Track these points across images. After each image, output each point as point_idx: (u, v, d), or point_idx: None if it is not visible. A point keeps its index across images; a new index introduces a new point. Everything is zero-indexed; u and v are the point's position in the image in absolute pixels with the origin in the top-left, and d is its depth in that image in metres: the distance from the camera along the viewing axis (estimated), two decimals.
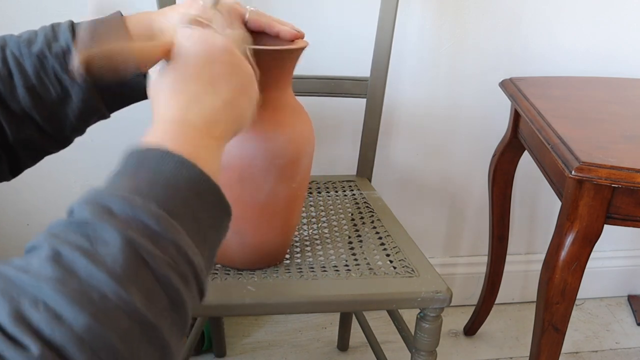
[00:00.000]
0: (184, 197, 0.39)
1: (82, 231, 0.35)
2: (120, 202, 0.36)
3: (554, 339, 0.88)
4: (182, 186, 0.39)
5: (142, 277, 0.34)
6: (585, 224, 0.80)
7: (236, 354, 1.29)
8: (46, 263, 0.33)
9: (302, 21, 1.12)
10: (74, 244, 0.33)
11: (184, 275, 0.36)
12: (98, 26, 0.58)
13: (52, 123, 0.58)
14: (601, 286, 1.52)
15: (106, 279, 0.32)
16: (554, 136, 0.84)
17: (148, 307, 0.33)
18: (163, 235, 0.36)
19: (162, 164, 0.39)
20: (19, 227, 1.23)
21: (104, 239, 0.34)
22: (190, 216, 0.39)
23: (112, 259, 0.33)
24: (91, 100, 0.58)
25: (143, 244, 0.34)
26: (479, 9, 1.15)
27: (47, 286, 0.31)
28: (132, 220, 0.35)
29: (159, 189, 0.38)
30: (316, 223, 0.92)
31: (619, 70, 1.23)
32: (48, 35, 0.57)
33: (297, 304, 0.74)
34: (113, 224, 0.34)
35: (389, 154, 1.28)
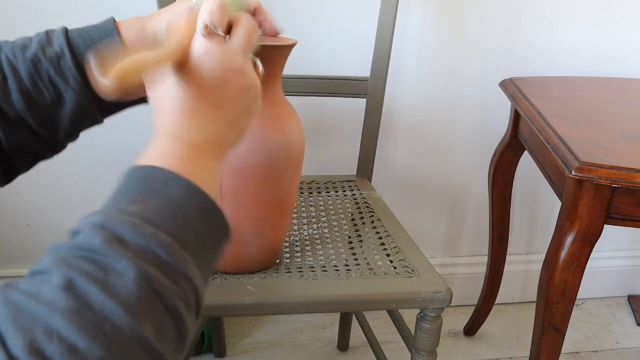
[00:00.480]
0: (192, 224, 0.39)
1: (94, 260, 0.34)
2: (132, 231, 0.36)
3: (554, 339, 0.88)
4: (190, 213, 0.39)
5: (154, 309, 0.34)
6: (585, 224, 0.80)
7: (236, 354, 1.29)
8: (59, 292, 0.32)
9: (302, 21, 1.13)
10: (87, 273, 0.33)
11: (189, 304, 0.37)
12: (91, 32, 0.58)
13: (46, 127, 0.58)
14: (601, 286, 1.52)
15: (120, 311, 0.32)
16: (554, 136, 0.84)
17: (158, 339, 0.34)
18: (174, 267, 0.36)
19: (169, 188, 0.39)
20: (19, 227, 1.23)
21: (117, 269, 0.34)
22: (198, 243, 0.39)
23: (126, 292, 0.33)
24: (85, 104, 0.58)
25: (156, 277, 0.35)
26: (479, 9, 1.15)
27: (60, 317, 0.31)
28: (144, 250, 0.35)
29: (168, 217, 0.38)
30: (316, 223, 0.92)
31: (619, 70, 1.23)
32: (42, 40, 0.57)
33: (297, 304, 0.74)
34: (126, 254, 0.34)
35: (389, 154, 1.28)
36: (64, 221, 1.24)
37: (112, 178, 1.26)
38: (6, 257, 1.26)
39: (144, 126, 1.15)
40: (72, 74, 0.57)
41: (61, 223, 1.24)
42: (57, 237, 1.34)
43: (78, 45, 0.57)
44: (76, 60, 0.57)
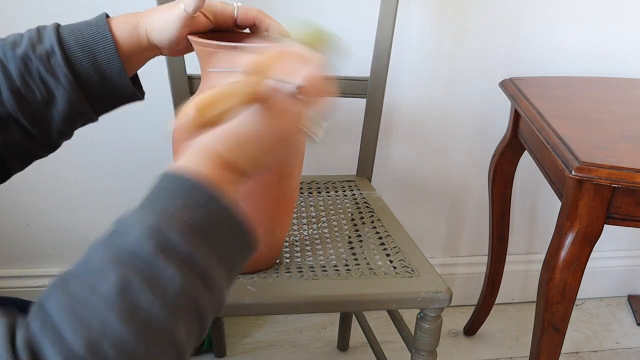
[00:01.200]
0: (230, 241, 0.42)
1: (147, 264, 0.37)
2: (182, 243, 0.38)
3: (554, 339, 0.88)
4: (229, 231, 0.42)
5: (189, 316, 0.38)
6: (585, 224, 0.80)
7: (236, 354, 1.29)
8: (115, 291, 0.35)
9: None
10: (141, 277, 0.36)
11: (215, 312, 0.41)
12: (83, 28, 0.58)
13: (38, 126, 0.58)
14: (601, 286, 1.52)
15: (164, 317, 0.36)
16: (554, 136, 0.84)
17: (186, 342, 0.38)
18: (213, 280, 0.40)
19: (216, 204, 0.42)
20: (19, 227, 1.23)
21: (166, 276, 0.37)
22: (231, 259, 0.43)
23: (171, 299, 0.37)
24: (77, 102, 0.58)
25: (199, 288, 0.39)
26: (479, 9, 1.15)
27: (115, 319, 0.35)
28: (190, 261, 0.38)
29: (210, 231, 0.41)
30: (316, 223, 0.92)
31: (619, 70, 1.23)
32: (33, 37, 0.57)
33: (297, 304, 0.74)
34: (175, 264, 0.37)
35: (389, 154, 1.28)
36: (64, 221, 1.24)
37: (111, 178, 1.27)
38: (6, 257, 1.26)
39: (144, 126, 1.15)
40: (62, 72, 0.56)
41: (61, 223, 1.24)
42: (57, 237, 1.34)
43: (69, 42, 0.57)
44: (67, 58, 0.56)
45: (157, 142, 1.16)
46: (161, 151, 1.18)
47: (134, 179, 1.20)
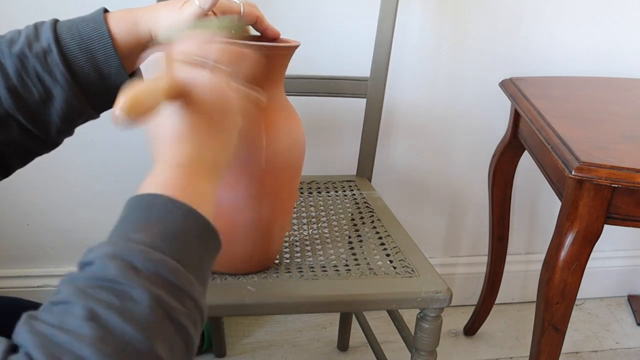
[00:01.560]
0: (193, 246, 0.42)
1: (111, 288, 0.37)
2: (142, 258, 0.38)
3: (554, 339, 0.88)
4: (191, 236, 0.42)
5: (166, 330, 0.37)
6: (585, 224, 0.80)
7: (236, 354, 1.29)
8: (84, 323, 0.34)
9: (302, 21, 1.13)
10: (107, 302, 0.36)
11: (195, 322, 0.40)
12: (80, 25, 0.57)
13: (37, 124, 0.58)
14: (601, 286, 1.52)
15: (139, 336, 0.35)
16: (554, 136, 0.84)
17: (170, 356, 0.37)
18: (182, 289, 0.39)
19: (170, 214, 0.42)
20: (19, 227, 1.23)
21: (132, 297, 0.36)
22: (199, 265, 0.43)
23: (142, 317, 0.36)
24: (75, 101, 0.57)
25: (167, 300, 0.38)
26: (479, 9, 1.15)
27: (87, 346, 0.33)
28: (154, 276, 0.38)
29: (172, 241, 0.41)
30: (316, 223, 0.92)
31: (619, 70, 1.23)
32: (30, 34, 0.56)
33: (297, 304, 0.74)
34: (140, 282, 0.37)
35: (389, 154, 1.28)
36: (64, 221, 1.24)
37: (111, 177, 1.27)
38: (6, 257, 1.26)
39: (143, 127, 1.15)
40: (59, 70, 0.56)
41: (61, 223, 1.24)
42: (57, 237, 1.34)
43: (66, 40, 0.56)
44: (63, 56, 0.56)
45: None
46: None
47: (134, 179, 1.20)
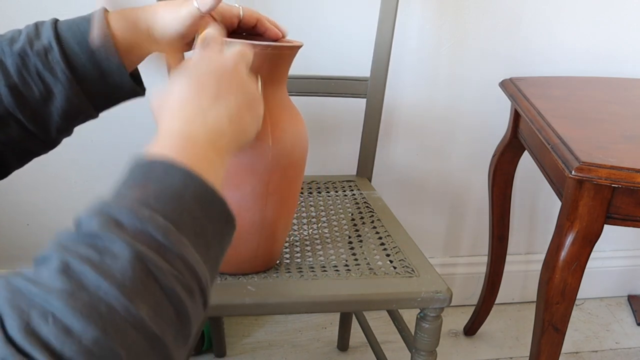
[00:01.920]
0: (190, 209, 0.39)
1: (91, 243, 0.35)
2: (128, 214, 0.36)
3: (554, 339, 0.88)
4: (188, 198, 0.39)
5: (150, 290, 0.34)
6: (585, 224, 0.80)
7: (236, 354, 1.29)
8: (55, 275, 0.33)
9: (302, 21, 1.13)
10: (84, 256, 0.34)
11: (189, 288, 0.37)
12: (81, 24, 0.58)
13: (37, 123, 0.58)
14: (601, 286, 1.52)
15: (115, 292, 0.32)
16: (554, 136, 0.84)
17: (154, 320, 0.34)
18: (170, 249, 0.36)
19: (168, 176, 0.40)
20: (19, 227, 1.23)
21: (113, 251, 0.34)
22: (197, 229, 0.39)
23: (121, 273, 0.33)
24: (75, 99, 0.57)
25: (151, 257, 0.35)
26: (479, 9, 1.15)
27: (56, 299, 0.31)
28: (140, 233, 0.36)
29: (166, 201, 0.38)
30: (316, 223, 0.92)
31: (619, 70, 1.23)
32: (30, 33, 0.57)
33: (297, 304, 0.74)
34: (122, 237, 0.35)
35: (389, 154, 1.28)
36: (64, 221, 1.23)
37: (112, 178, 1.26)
38: (6, 257, 1.26)
39: (144, 125, 1.15)
40: (60, 68, 0.56)
41: (61, 223, 1.23)
42: None
43: (67, 38, 0.57)
44: (65, 54, 0.56)
45: None
46: None
47: None
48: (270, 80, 0.67)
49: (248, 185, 0.69)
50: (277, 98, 0.70)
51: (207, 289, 0.39)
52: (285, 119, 0.70)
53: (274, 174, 0.69)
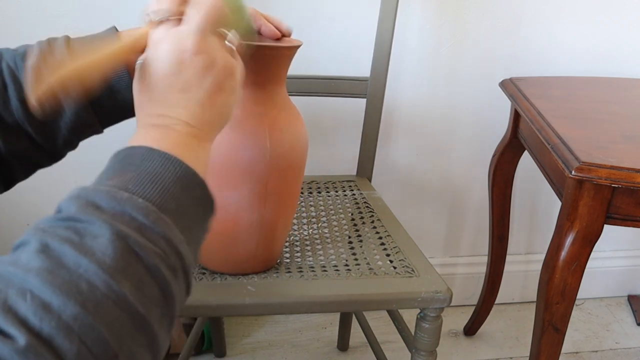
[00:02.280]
0: (171, 191, 0.39)
1: (70, 225, 0.35)
2: (107, 197, 0.36)
3: (554, 339, 0.88)
4: (168, 181, 0.39)
5: (132, 268, 0.34)
6: (585, 224, 0.80)
7: (236, 354, 1.29)
8: (34, 255, 0.32)
9: (302, 21, 1.13)
10: (63, 236, 0.34)
11: (173, 268, 0.37)
12: (92, 41, 0.58)
13: (45, 136, 0.58)
14: (601, 286, 1.52)
15: (95, 269, 0.32)
16: (554, 136, 0.84)
17: (137, 298, 0.33)
18: (152, 228, 0.36)
19: (146, 161, 0.40)
20: (19, 227, 1.23)
21: (92, 232, 0.34)
22: (179, 209, 0.39)
23: (101, 251, 0.33)
24: (84, 114, 0.58)
25: (132, 236, 0.35)
26: (479, 9, 1.15)
27: (34, 277, 0.31)
28: (120, 214, 0.36)
29: (145, 184, 0.38)
30: (316, 223, 0.92)
31: (619, 70, 1.23)
32: (44, 49, 0.57)
33: (297, 304, 0.74)
34: (101, 217, 0.35)
35: (389, 154, 1.28)
36: None
37: None
38: None
39: None
40: None
41: None
42: None
43: (79, 55, 0.57)
44: None
45: None
46: None
47: None
48: (268, 80, 0.67)
49: (247, 186, 0.69)
50: (276, 98, 0.70)
51: (189, 270, 0.39)
52: (284, 120, 0.70)
53: (273, 175, 0.69)
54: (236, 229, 0.72)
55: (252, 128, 0.67)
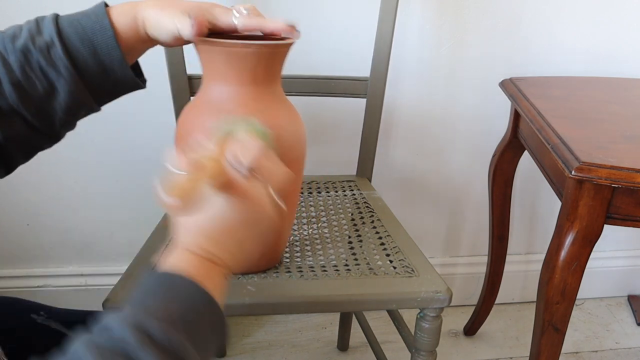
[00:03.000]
0: (207, 337, 0.45)
1: (126, 353, 0.39)
2: (159, 330, 0.40)
3: (554, 339, 0.88)
4: (207, 326, 0.45)
5: None
6: (585, 224, 0.80)
7: (236, 354, 1.29)
8: None
9: (302, 21, 1.12)
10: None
11: None
12: (82, 19, 0.58)
13: (41, 118, 0.58)
14: (601, 286, 1.52)
15: None
16: (554, 136, 0.84)
17: None
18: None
19: (192, 299, 0.45)
20: (19, 227, 1.24)
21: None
22: (206, 349, 0.45)
23: None
24: (78, 93, 0.58)
25: None
26: (479, 9, 1.15)
27: None
28: (168, 350, 0.40)
29: (190, 323, 0.43)
30: (316, 223, 0.92)
31: (619, 70, 1.23)
32: (32, 29, 0.57)
33: (297, 304, 0.74)
34: (154, 352, 0.39)
35: (389, 154, 1.28)
36: (64, 221, 1.24)
37: (111, 178, 1.27)
38: (6, 257, 1.26)
39: (143, 127, 1.15)
40: (63, 63, 0.56)
41: (61, 223, 1.24)
42: (57, 237, 1.33)
43: (68, 33, 0.57)
44: (67, 49, 0.56)
45: (157, 141, 1.16)
46: (161, 151, 1.18)
47: (134, 179, 1.20)
48: (267, 77, 0.67)
49: None
50: (275, 95, 0.70)
51: None
52: (284, 116, 0.70)
53: (291, 166, 0.70)
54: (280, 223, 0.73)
55: None
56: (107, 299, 0.71)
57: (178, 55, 0.95)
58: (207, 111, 0.67)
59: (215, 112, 0.66)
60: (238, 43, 0.62)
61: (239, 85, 0.65)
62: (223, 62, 0.64)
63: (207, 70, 0.67)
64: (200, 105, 0.68)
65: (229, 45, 0.62)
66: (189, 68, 0.96)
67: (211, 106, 0.67)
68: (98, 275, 1.30)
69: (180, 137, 0.69)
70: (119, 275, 0.77)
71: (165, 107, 0.99)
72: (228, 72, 0.65)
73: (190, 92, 0.97)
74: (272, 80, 0.69)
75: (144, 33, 0.60)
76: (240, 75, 0.65)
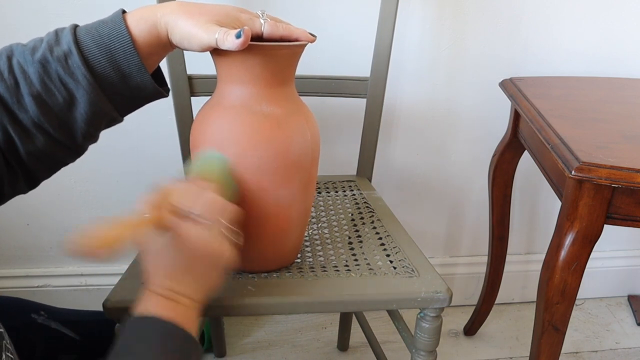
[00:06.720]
0: None
1: None
2: None
3: (554, 339, 0.88)
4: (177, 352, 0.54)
5: None
6: (585, 224, 0.80)
7: (236, 354, 1.29)
8: None
9: (301, 21, 1.13)
10: None
11: None
12: (99, 27, 0.58)
13: (62, 130, 0.58)
14: (601, 286, 1.52)
15: None
16: (554, 136, 0.84)
17: None
18: None
19: (170, 340, 0.54)
20: (19, 227, 1.24)
21: None
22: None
23: None
24: (98, 102, 0.58)
25: None
26: (479, 9, 1.15)
27: None
28: None
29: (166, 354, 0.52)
30: (316, 223, 0.92)
31: (619, 70, 1.23)
32: (51, 40, 0.57)
33: (297, 304, 0.74)
34: None
35: (389, 154, 1.28)
36: (64, 221, 1.24)
37: (111, 178, 1.27)
38: (6, 257, 1.26)
39: (143, 127, 1.15)
40: (81, 72, 0.56)
41: (61, 223, 1.24)
42: (57, 237, 1.33)
43: (86, 42, 0.57)
44: (84, 58, 0.56)
45: (157, 142, 1.16)
46: (161, 151, 1.18)
47: (134, 179, 1.20)
48: (291, 78, 0.70)
49: (297, 177, 0.71)
50: (296, 94, 0.72)
51: None
52: (309, 113, 0.74)
53: (313, 163, 0.74)
54: (289, 225, 0.74)
55: (295, 124, 0.70)
56: (107, 299, 0.71)
57: (178, 55, 0.95)
58: (228, 114, 0.67)
59: (234, 114, 0.66)
60: (277, 45, 0.63)
61: (262, 88, 0.66)
62: (253, 65, 0.64)
63: (226, 73, 0.66)
64: (219, 107, 0.68)
65: (271, 49, 0.63)
66: (189, 68, 0.96)
67: (241, 108, 0.67)
68: (98, 275, 1.30)
69: (195, 139, 0.69)
70: (119, 275, 0.77)
71: (165, 107, 0.99)
72: (255, 73, 0.65)
73: (191, 92, 0.97)
74: (285, 80, 0.70)
75: (165, 39, 0.59)
76: (269, 76, 0.66)
